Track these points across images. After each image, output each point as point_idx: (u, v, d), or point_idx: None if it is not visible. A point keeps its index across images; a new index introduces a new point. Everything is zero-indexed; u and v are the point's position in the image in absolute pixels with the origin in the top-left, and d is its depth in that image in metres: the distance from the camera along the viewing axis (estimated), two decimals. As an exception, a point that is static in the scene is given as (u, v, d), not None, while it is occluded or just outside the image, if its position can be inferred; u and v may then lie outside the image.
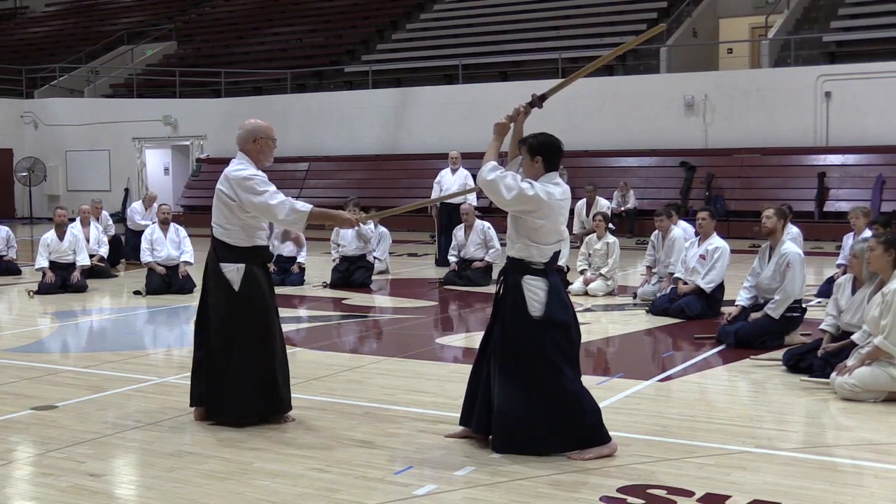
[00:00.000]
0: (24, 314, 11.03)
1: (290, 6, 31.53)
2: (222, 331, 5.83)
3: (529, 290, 5.24)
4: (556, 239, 5.33)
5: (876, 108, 19.29)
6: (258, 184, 5.81)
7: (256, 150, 6.02)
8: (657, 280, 10.80)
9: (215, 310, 5.88)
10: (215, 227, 5.90)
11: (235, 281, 5.81)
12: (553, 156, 5.36)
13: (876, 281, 6.82)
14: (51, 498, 4.70)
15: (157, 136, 26.88)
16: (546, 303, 5.22)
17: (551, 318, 5.22)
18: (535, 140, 5.39)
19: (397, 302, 11.68)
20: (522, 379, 5.22)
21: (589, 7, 25.55)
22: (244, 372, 5.79)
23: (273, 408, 5.89)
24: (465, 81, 23.93)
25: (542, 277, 5.26)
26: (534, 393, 5.20)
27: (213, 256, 5.92)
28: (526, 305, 5.22)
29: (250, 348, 5.81)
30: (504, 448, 5.26)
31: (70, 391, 6.87)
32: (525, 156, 5.40)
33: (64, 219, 13.06)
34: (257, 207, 5.78)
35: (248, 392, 5.81)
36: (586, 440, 5.24)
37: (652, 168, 21.14)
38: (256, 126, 6.09)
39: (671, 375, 7.34)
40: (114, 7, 36.79)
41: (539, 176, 5.34)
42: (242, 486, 4.93)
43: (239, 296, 5.81)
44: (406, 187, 22.72)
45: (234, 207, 5.82)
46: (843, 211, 16.51)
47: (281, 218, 5.80)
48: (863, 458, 5.27)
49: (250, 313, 5.83)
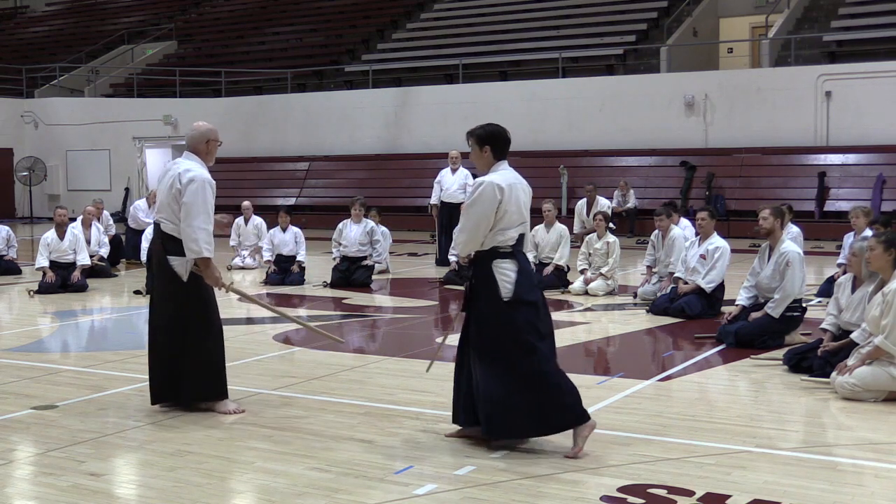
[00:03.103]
0: (24, 314, 11.03)
1: (290, 6, 31.53)
2: (175, 320, 6.15)
3: (500, 272, 5.31)
4: (520, 221, 5.42)
5: (876, 108, 19.30)
6: (206, 197, 6.13)
7: (206, 151, 6.34)
8: (657, 280, 10.80)
9: (165, 301, 6.19)
10: (164, 223, 6.18)
11: (183, 273, 6.14)
12: (501, 144, 5.48)
13: (876, 279, 6.83)
14: (51, 497, 4.70)
15: (157, 136, 26.88)
16: (516, 283, 5.30)
17: (521, 299, 5.29)
18: (483, 130, 5.51)
19: (398, 301, 11.68)
20: (500, 363, 5.29)
21: (589, 7, 25.56)
22: (199, 358, 6.17)
23: (220, 392, 6.24)
24: (465, 81, 23.93)
25: (512, 259, 5.35)
26: (512, 376, 5.27)
27: (160, 250, 6.20)
28: (498, 289, 5.29)
29: (203, 337, 6.18)
30: (494, 434, 5.34)
31: (70, 391, 6.87)
32: (474, 147, 5.51)
33: (64, 218, 13.06)
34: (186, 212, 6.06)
35: (202, 378, 6.19)
36: (568, 421, 5.29)
37: (652, 168, 21.14)
38: (209, 129, 6.41)
39: (671, 375, 7.34)
40: (114, 7, 36.79)
41: (490, 165, 5.47)
42: (243, 486, 4.93)
43: (188, 287, 6.14)
44: (406, 187, 22.74)
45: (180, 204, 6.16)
46: (843, 210, 16.53)
47: (192, 235, 6.04)
48: (863, 458, 5.27)
49: (198, 303, 6.19)
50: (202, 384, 6.20)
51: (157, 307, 6.30)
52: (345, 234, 13.05)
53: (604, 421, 5.91)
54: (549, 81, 22.64)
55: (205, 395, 6.23)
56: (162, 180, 6.31)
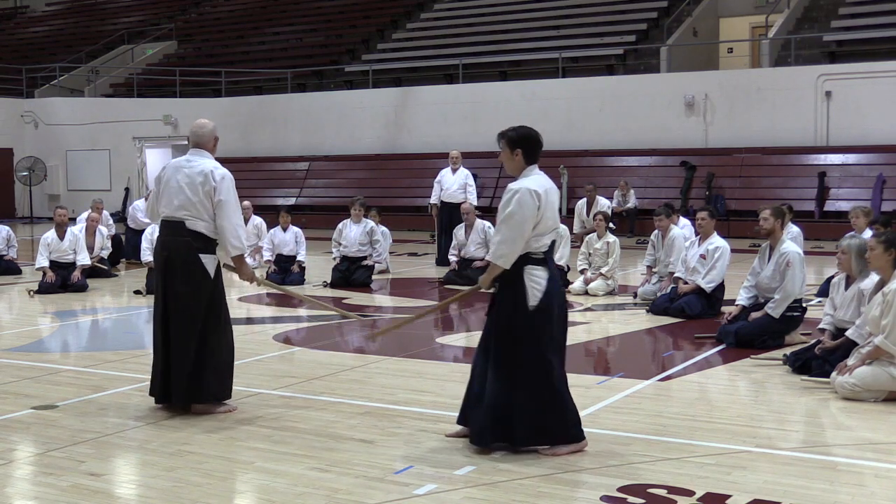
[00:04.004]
0: (24, 314, 11.03)
1: (290, 6, 31.53)
2: (206, 318, 6.11)
3: (531, 279, 5.21)
4: (553, 227, 5.33)
5: (876, 108, 19.29)
6: (236, 193, 6.22)
7: (212, 147, 6.36)
8: (657, 279, 10.80)
9: (193, 300, 6.09)
10: (191, 220, 6.10)
11: (212, 271, 6.15)
12: (533, 148, 5.36)
13: (867, 275, 6.94)
14: (51, 497, 4.70)
15: (157, 136, 26.88)
16: (545, 292, 5.21)
17: (547, 307, 5.21)
18: (515, 133, 5.38)
19: (398, 301, 11.68)
20: (514, 373, 5.21)
21: (589, 7, 25.55)
22: (220, 357, 6.19)
23: (230, 391, 6.29)
24: (465, 81, 23.93)
25: (543, 267, 5.25)
26: (524, 389, 5.19)
27: (188, 249, 6.10)
28: (526, 296, 5.19)
29: (224, 334, 6.22)
30: (480, 441, 5.25)
31: (70, 391, 6.87)
32: (504, 149, 5.39)
33: (64, 218, 13.06)
34: (227, 210, 6.08)
35: (224, 375, 6.23)
36: (567, 438, 5.27)
37: (652, 167, 21.13)
38: (213, 125, 6.42)
39: (671, 375, 7.34)
40: (114, 7, 36.79)
41: (520, 169, 5.35)
42: (243, 486, 4.94)
43: (214, 284, 6.16)
44: (406, 187, 22.73)
45: (213, 201, 6.13)
46: (843, 210, 16.53)
47: (235, 232, 6.11)
48: (863, 458, 5.27)
49: (220, 301, 6.22)
50: (223, 381, 6.20)
51: (179, 305, 6.08)
52: (344, 234, 13.05)
53: (604, 421, 5.92)
54: (549, 81, 22.64)
55: (223, 392, 6.20)
56: (173, 177, 6.16)
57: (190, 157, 6.26)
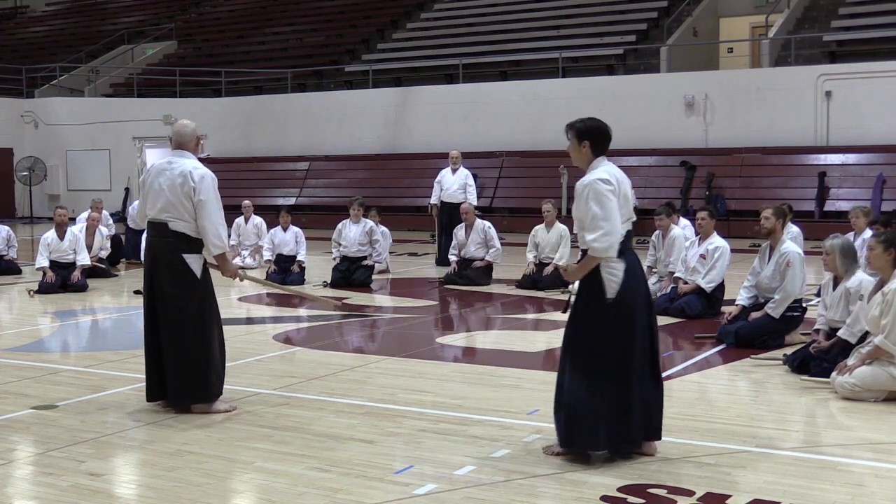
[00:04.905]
0: (24, 314, 11.03)
1: (290, 6, 31.54)
2: (197, 317, 6.15)
3: (608, 270, 5.09)
4: (627, 216, 5.24)
5: (876, 108, 19.29)
6: (217, 192, 6.24)
7: (194, 148, 6.39)
8: (658, 279, 10.79)
9: (181, 300, 6.14)
10: (174, 221, 6.15)
11: (198, 270, 6.19)
12: (601, 140, 5.26)
13: (852, 274, 7.09)
14: (51, 497, 4.70)
15: (157, 136, 26.85)
16: (623, 283, 5.08)
17: (626, 300, 5.06)
18: (583, 125, 5.30)
19: (398, 301, 11.68)
20: (591, 371, 5.04)
21: (589, 7, 25.55)
22: (213, 354, 6.23)
23: (220, 390, 6.29)
24: (465, 81, 23.93)
25: (621, 257, 5.14)
26: (600, 387, 5.02)
27: (172, 249, 6.16)
28: (603, 288, 5.08)
29: (214, 332, 6.25)
30: (570, 443, 5.09)
31: (70, 391, 6.87)
32: (572, 140, 5.29)
33: (64, 218, 13.06)
34: (207, 209, 6.11)
35: (218, 373, 6.27)
36: (630, 439, 5.13)
37: (652, 167, 21.12)
38: (195, 126, 6.44)
39: (671, 375, 7.33)
40: (114, 7, 36.79)
41: (588, 161, 5.26)
42: (243, 486, 4.93)
43: (202, 284, 6.20)
44: (406, 187, 22.73)
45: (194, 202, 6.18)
46: (843, 210, 16.51)
47: (215, 231, 6.15)
48: (863, 458, 5.27)
49: (209, 299, 6.26)
50: (217, 379, 6.23)
51: (167, 306, 6.15)
52: (344, 235, 13.05)
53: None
54: (549, 81, 22.63)
55: (218, 389, 6.24)
56: (156, 180, 6.21)
57: (172, 158, 6.30)
